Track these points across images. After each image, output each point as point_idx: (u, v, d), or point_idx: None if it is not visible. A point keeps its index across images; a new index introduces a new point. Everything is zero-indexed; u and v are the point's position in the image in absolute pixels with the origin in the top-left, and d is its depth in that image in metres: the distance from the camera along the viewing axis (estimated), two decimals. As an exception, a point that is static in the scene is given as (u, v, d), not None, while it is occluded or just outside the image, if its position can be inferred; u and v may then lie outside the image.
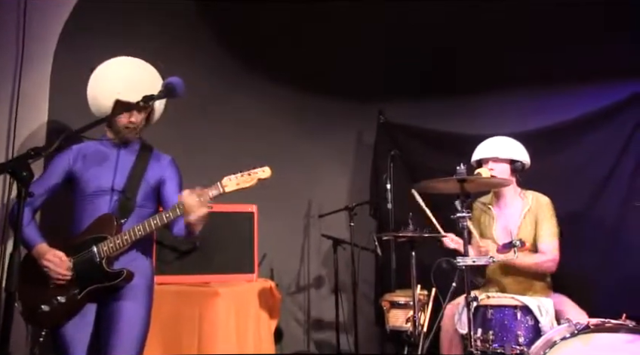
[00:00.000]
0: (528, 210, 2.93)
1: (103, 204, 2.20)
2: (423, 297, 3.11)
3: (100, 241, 2.13)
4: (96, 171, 2.23)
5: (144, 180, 2.28)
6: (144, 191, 2.28)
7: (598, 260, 3.47)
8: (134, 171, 2.27)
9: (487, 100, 4.15)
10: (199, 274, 3.06)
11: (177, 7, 3.52)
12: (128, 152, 2.31)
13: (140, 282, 2.21)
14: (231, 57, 3.96)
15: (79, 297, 2.12)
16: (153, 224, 2.14)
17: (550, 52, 3.75)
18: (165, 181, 2.34)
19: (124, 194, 2.22)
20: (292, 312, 4.27)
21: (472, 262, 2.43)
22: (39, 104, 2.68)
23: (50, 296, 2.10)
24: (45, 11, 2.75)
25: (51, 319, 2.11)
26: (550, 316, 2.48)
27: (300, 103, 4.35)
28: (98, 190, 2.21)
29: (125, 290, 2.18)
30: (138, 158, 2.31)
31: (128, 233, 2.14)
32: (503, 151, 2.95)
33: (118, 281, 2.14)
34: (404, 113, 4.36)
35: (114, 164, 2.26)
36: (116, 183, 2.23)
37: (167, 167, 2.37)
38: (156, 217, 2.15)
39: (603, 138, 3.65)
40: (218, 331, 2.79)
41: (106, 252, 2.13)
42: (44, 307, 2.08)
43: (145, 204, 2.29)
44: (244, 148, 3.94)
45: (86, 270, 2.12)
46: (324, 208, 4.21)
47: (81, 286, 2.12)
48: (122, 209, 2.20)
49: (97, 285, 2.13)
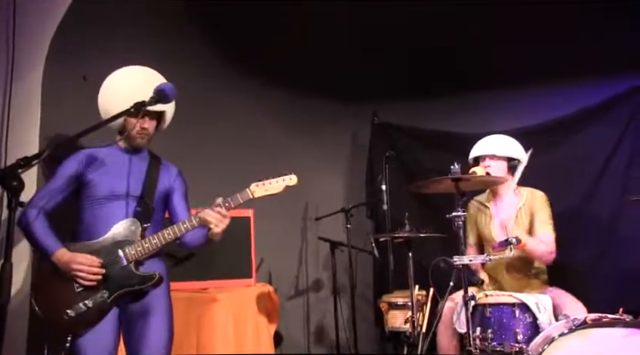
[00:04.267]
0: (523, 205, 2.95)
1: (117, 209, 2.19)
2: (421, 298, 3.11)
3: (125, 245, 2.13)
4: (108, 176, 2.22)
5: (157, 187, 2.31)
6: (157, 197, 2.30)
7: (594, 254, 3.47)
8: (149, 177, 2.29)
9: (481, 98, 4.16)
10: (197, 280, 3.06)
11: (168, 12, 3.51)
12: (140, 159, 2.33)
13: (163, 287, 2.22)
14: (224, 59, 3.95)
15: (109, 301, 2.10)
16: (183, 228, 2.17)
17: (544, 49, 3.76)
18: (174, 191, 2.38)
19: (144, 199, 2.23)
20: (291, 316, 4.26)
21: (469, 261, 2.43)
22: (31, 112, 2.67)
23: (76, 301, 2.07)
24: (35, 19, 2.74)
25: (77, 324, 2.07)
26: (548, 312, 2.48)
27: (293, 105, 4.35)
28: (110, 195, 2.20)
29: (149, 296, 2.18)
30: (150, 165, 2.33)
31: (157, 238, 2.16)
32: (500, 148, 2.96)
33: (150, 284, 2.14)
34: (398, 113, 4.36)
35: (127, 170, 2.26)
36: (131, 189, 2.23)
37: (175, 177, 2.40)
38: (185, 221, 2.18)
39: (599, 132, 3.66)
40: (216, 337, 2.79)
41: (134, 256, 2.13)
42: (70, 312, 2.06)
43: (158, 210, 2.31)
44: (238, 150, 3.94)
45: (114, 273, 2.11)
46: (320, 210, 4.20)
47: (110, 290, 2.10)
48: (144, 214, 2.21)
49: (128, 288, 2.12)
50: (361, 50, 4.09)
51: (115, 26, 3.10)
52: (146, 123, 2.25)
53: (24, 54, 2.68)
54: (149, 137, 2.31)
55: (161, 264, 2.29)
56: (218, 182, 3.19)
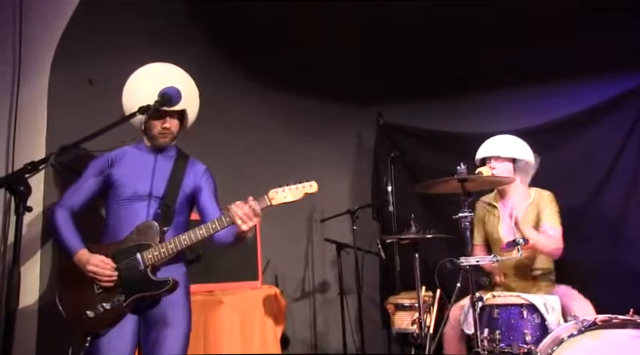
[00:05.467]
0: (530, 203, 2.94)
1: (140, 210, 2.17)
2: (428, 299, 3.10)
3: (144, 248, 2.10)
4: (133, 176, 2.21)
5: (181, 187, 2.27)
6: (181, 199, 2.26)
7: (602, 254, 3.45)
8: (173, 178, 2.26)
9: (486, 99, 4.15)
10: (203, 283, 3.05)
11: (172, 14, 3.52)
12: (165, 158, 2.30)
13: (181, 293, 2.19)
14: (228, 61, 3.96)
15: (124, 305, 2.08)
16: (199, 234, 2.10)
17: (548, 48, 3.75)
18: (201, 189, 2.33)
19: (165, 201, 2.20)
20: (298, 318, 4.25)
21: (476, 262, 2.42)
22: (37, 116, 2.67)
23: (95, 302, 2.06)
24: (42, 23, 2.75)
25: (95, 325, 2.06)
26: (557, 313, 2.46)
27: (298, 106, 4.35)
28: (134, 196, 2.18)
29: (169, 301, 2.15)
30: (175, 165, 2.30)
31: (174, 242, 2.10)
32: (505, 149, 2.95)
33: (163, 290, 2.10)
34: (403, 115, 4.36)
35: (151, 169, 2.24)
36: (154, 190, 2.21)
37: (202, 175, 2.36)
38: (202, 227, 2.10)
39: (605, 131, 3.64)
40: (223, 339, 2.79)
41: (151, 260, 2.09)
42: (90, 313, 2.05)
43: (181, 211, 2.27)
44: (243, 153, 3.93)
45: (131, 277, 2.08)
46: (326, 212, 4.19)
47: (126, 294, 2.08)
48: (164, 217, 2.17)
49: (143, 293, 2.09)
50: (365, 52, 4.08)
51: (120, 29, 3.10)
52: (167, 123, 2.23)
53: (31, 59, 2.69)
54: (173, 135, 2.29)
55: (181, 270, 2.25)
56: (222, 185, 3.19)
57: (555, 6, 3.40)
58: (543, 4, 3.42)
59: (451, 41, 3.86)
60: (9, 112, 2.64)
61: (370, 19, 3.79)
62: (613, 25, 3.46)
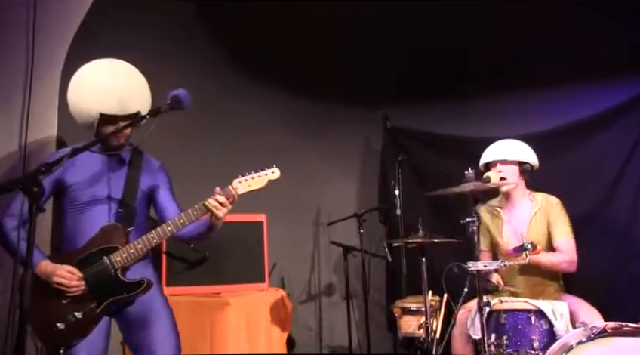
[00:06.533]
0: (538, 210, 2.92)
1: (100, 214, 2.12)
2: (434, 303, 3.09)
3: (111, 252, 2.07)
4: (89, 180, 2.14)
5: (139, 187, 2.23)
6: (139, 198, 2.23)
7: (611, 261, 3.43)
8: (129, 178, 2.21)
9: (493, 102, 4.14)
10: (210, 285, 3.06)
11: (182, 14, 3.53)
12: (119, 158, 2.23)
13: (155, 291, 2.16)
14: (233, 64, 3.97)
15: (98, 311, 2.04)
16: (168, 231, 2.08)
17: (556, 52, 3.74)
18: (159, 187, 2.30)
19: (125, 202, 2.16)
20: (304, 320, 4.26)
21: (484, 267, 2.41)
22: (48, 119, 2.69)
23: (65, 313, 2.02)
24: (53, 26, 2.77)
25: (68, 336, 2.02)
26: (565, 319, 2.45)
27: (304, 109, 4.36)
28: (92, 200, 2.13)
29: (142, 302, 2.13)
30: (131, 165, 2.24)
31: (142, 242, 2.08)
32: (512, 153, 2.94)
33: (138, 291, 2.08)
34: (410, 118, 4.36)
35: (106, 172, 2.18)
36: (112, 192, 2.16)
37: (158, 173, 2.32)
38: (169, 223, 2.09)
39: (614, 136, 3.62)
40: (229, 341, 2.80)
41: (120, 263, 2.06)
42: (60, 325, 2.00)
43: (141, 211, 2.23)
44: (248, 155, 3.92)
45: (101, 282, 2.05)
46: (332, 215, 4.20)
47: (97, 299, 2.05)
48: (126, 217, 2.14)
49: (117, 297, 2.07)
50: (372, 54, 4.08)
51: (131, 30, 3.12)
52: (121, 124, 2.14)
53: (42, 62, 2.70)
54: (127, 136, 2.21)
55: (149, 268, 2.23)
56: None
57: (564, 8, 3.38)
58: (552, 6, 3.40)
59: (460, 43, 3.85)
60: (21, 112, 2.66)
61: (377, 20, 3.79)
62: (625, 28, 3.45)
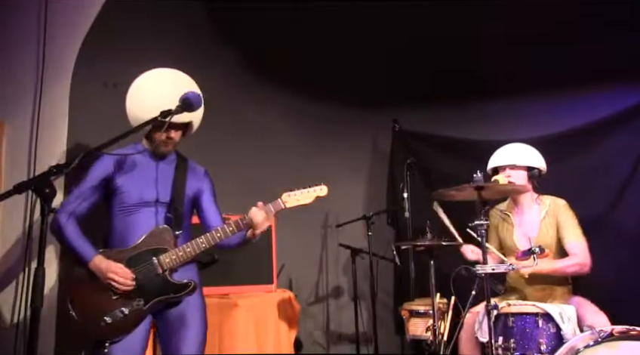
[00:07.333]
0: (546, 213, 2.91)
1: (148, 216, 2.20)
2: (442, 306, 3.09)
3: (160, 253, 2.14)
4: (138, 183, 2.22)
5: (185, 191, 2.30)
6: (185, 202, 2.30)
7: (618, 265, 3.41)
8: (176, 182, 2.29)
9: (502, 106, 4.13)
10: (218, 286, 3.08)
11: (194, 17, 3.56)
12: (166, 163, 2.32)
13: (197, 295, 2.23)
14: (244, 67, 3.99)
15: (145, 309, 2.12)
16: (217, 237, 2.17)
17: (568, 55, 3.72)
18: (203, 192, 2.38)
19: (174, 206, 2.23)
20: (311, 322, 4.26)
21: (492, 270, 2.41)
22: (59, 119, 2.73)
23: (113, 308, 2.09)
24: (65, 27, 2.81)
25: (113, 331, 2.09)
26: (572, 323, 2.44)
27: (313, 112, 4.37)
28: (141, 202, 2.20)
29: (184, 304, 2.19)
30: (177, 170, 2.33)
31: (191, 246, 2.16)
32: (521, 158, 2.94)
33: (185, 293, 2.16)
34: (418, 121, 4.35)
35: (154, 175, 2.27)
36: (160, 195, 2.23)
37: (203, 178, 2.40)
38: (219, 229, 2.18)
39: (623, 140, 3.60)
40: (238, 342, 2.82)
41: (169, 264, 2.14)
42: (108, 319, 2.08)
43: (187, 215, 2.31)
44: (258, 158, 3.96)
45: (149, 281, 2.13)
46: (341, 217, 4.21)
47: (145, 298, 2.12)
48: (175, 221, 2.21)
49: (164, 297, 2.14)
50: (381, 57, 4.09)
51: (142, 33, 3.15)
52: (172, 133, 2.25)
53: (52, 66, 2.75)
54: (175, 143, 2.31)
55: (194, 271, 2.30)
56: (238, 190, 3.22)
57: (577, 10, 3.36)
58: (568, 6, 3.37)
59: (469, 46, 3.86)
60: (31, 115, 2.71)
61: (386, 24, 3.80)
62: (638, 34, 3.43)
